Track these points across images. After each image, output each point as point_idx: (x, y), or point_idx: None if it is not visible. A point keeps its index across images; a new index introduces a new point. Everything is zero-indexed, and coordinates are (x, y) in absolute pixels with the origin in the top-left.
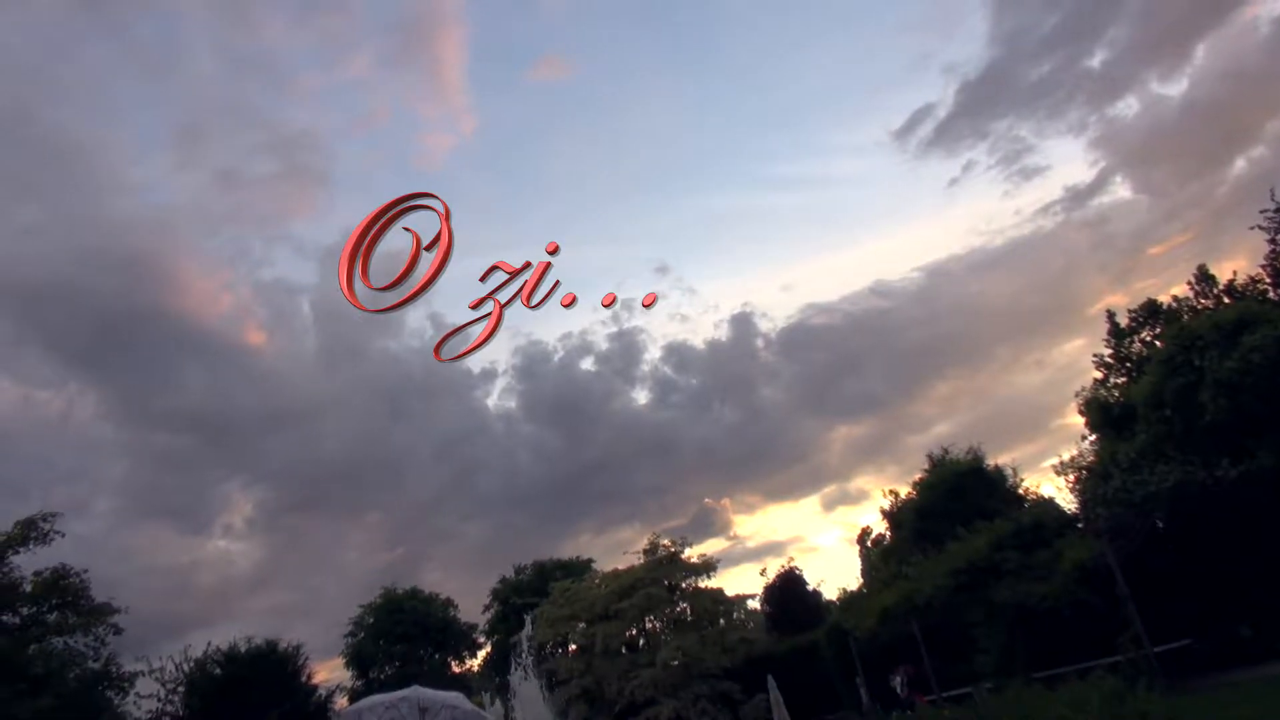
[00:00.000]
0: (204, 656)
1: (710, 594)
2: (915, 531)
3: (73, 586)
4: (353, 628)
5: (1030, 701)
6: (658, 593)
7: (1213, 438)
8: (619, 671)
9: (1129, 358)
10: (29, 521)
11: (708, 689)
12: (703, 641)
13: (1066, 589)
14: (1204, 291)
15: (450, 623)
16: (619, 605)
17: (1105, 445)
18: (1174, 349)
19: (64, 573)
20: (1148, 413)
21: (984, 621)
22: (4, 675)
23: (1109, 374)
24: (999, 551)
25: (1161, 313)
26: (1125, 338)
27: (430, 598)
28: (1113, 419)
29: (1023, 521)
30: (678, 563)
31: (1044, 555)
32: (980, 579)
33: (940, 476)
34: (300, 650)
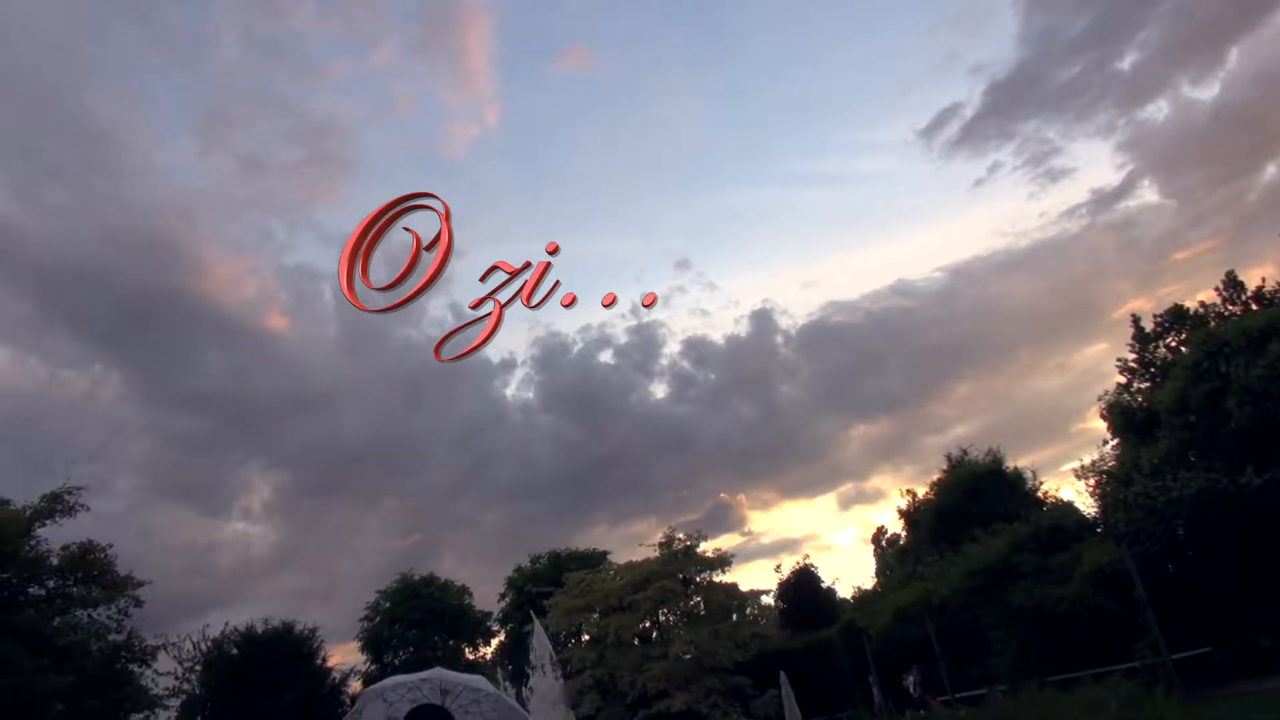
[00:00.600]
0: (221, 636)
1: (724, 588)
2: (932, 532)
3: (98, 561)
4: (369, 612)
5: (1046, 704)
6: (672, 586)
7: (1237, 445)
8: (631, 663)
9: (1153, 363)
10: (55, 495)
11: (720, 683)
12: (716, 636)
13: (1084, 593)
14: (1231, 297)
15: (465, 610)
16: (633, 597)
17: (1127, 450)
18: (1200, 354)
19: (90, 547)
20: (1171, 418)
21: (1000, 624)
22: (30, 648)
23: (1133, 379)
24: (1017, 554)
25: (1187, 318)
26: (1150, 343)
27: (446, 585)
28: (1135, 424)
29: (1041, 524)
30: (692, 556)
31: (1062, 559)
32: (997, 581)
33: (959, 477)
34: (316, 633)
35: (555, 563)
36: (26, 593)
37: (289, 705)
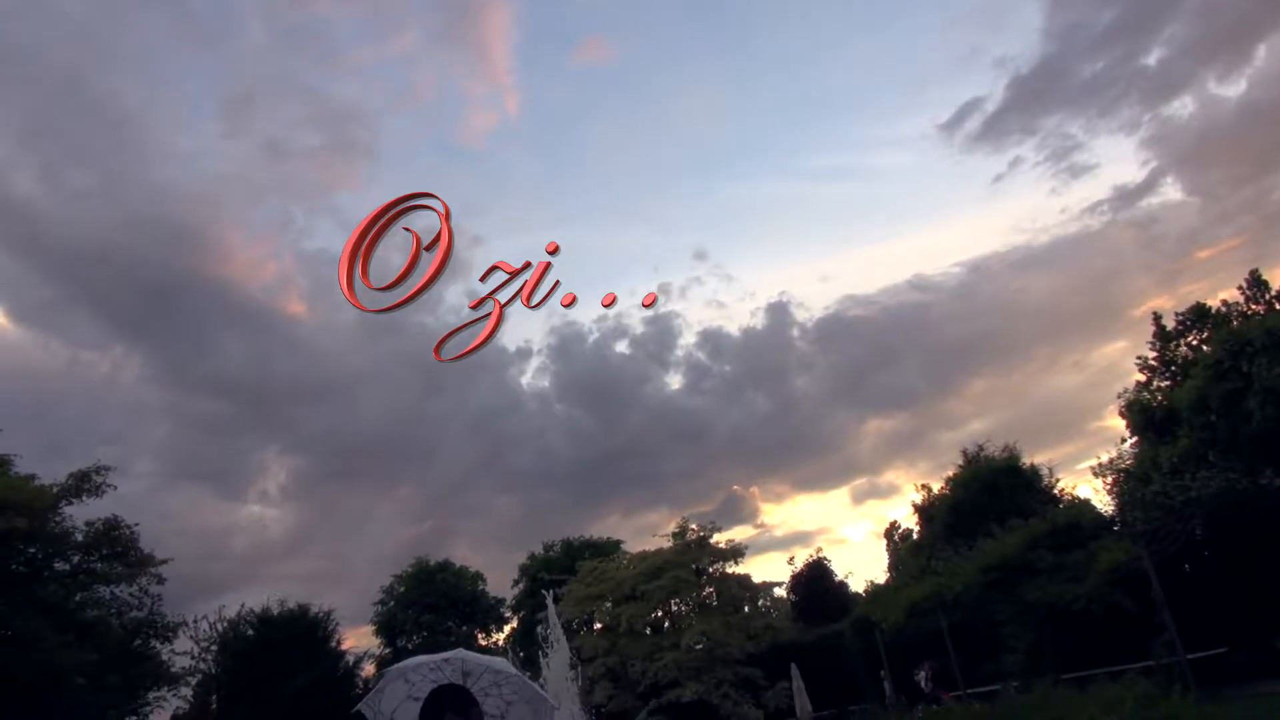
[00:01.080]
0: (238, 617)
1: (737, 579)
2: (947, 527)
3: (123, 537)
4: (384, 596)
5: (1061, 701)
6: (685, 576)
7: (1258, 445)
8: (643, 652)
9: (1174, 361)
10: (82, 474)
11: (731, 674)
12: (728, 626)
13: (1100, 591)
14: (1255, 296)
15: (478, 596)
16: (646, 586)
17: (1146, 449)
18: (1222, 353)
19: (115, 523)
20: (1192, 417)
21: (1014, 620)
22: (54, 623)
23: (1153, 377)
24: (1032, 550)
25: (1209, 317)
26: (1171, 341)
27: (461, 570)
28: (1155, 423)
29: (1058, 521)
30: (706, 547)
31: (1078, 556)
32: (1012, 577)
33: (975, 473)
34: (331, 616)
35: (568, 551)
36: (52, 567)
37: (303, 687)
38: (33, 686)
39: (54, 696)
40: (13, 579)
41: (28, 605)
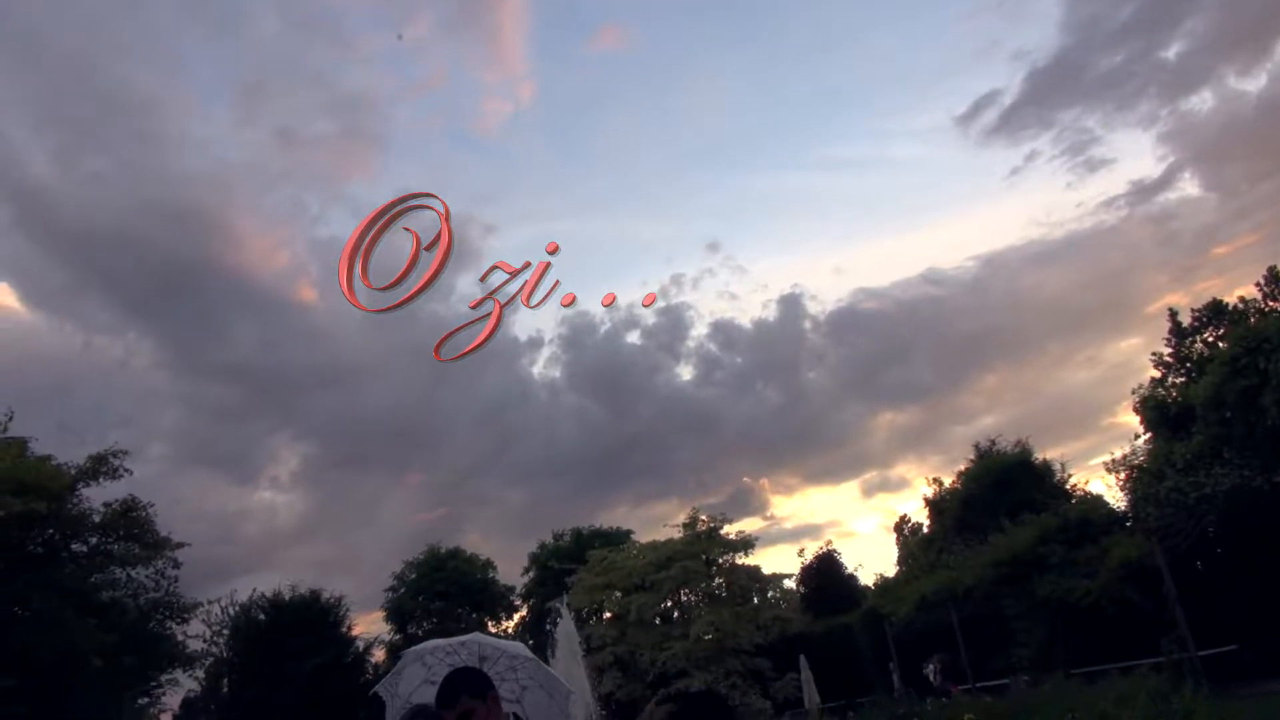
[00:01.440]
0: (249, 602)
1: (747, 570)
2: (958, 521)
3: (140, 519)
4: (395, 582)
5: (1072, 696)
6: (695, 566)
7: (1273, 443)
8: (653, 642)
9: (1189, 358)
10: (100, 457)
11: (740, 665)
12: (737, 617)
13: (1112, 587)
14: (1272, 293)
15: (489, 584)
16: (655, 576)
17: (1160, 445)
18: (1238, 350)
19: (133, 504)
20: (1207, 414)
21: (1025, 614)
22: (72, 604)
23: (1168, 373)
24: (1044, 545)
25: (1226, 313)
26: (1187, 337)
27: (471, 558)
28: (1169, 419)
29: (1070, 517)
30: (716, 538)
31: (1090, 552)
32: (1023, 572)
33: (986, 467)
34: (342, 602)
35: (578, 540)
36: (69, 548)
37: (314, 672)
38: (51, 667)
39: (73, 677)
40: (33, 560)
41: (48, 587)
